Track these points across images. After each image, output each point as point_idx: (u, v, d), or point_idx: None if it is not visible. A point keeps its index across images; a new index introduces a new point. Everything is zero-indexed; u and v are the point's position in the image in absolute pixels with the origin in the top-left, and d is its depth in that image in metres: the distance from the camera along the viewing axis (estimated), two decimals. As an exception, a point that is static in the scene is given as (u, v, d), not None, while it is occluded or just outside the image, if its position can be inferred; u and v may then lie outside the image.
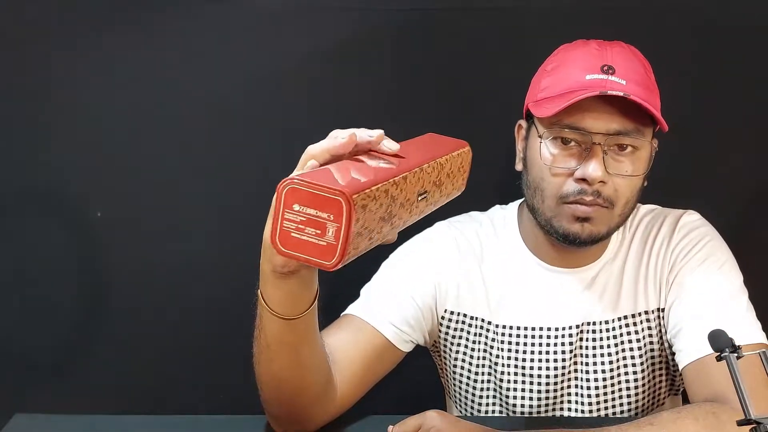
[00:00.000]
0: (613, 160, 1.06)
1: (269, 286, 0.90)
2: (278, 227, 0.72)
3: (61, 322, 1.44)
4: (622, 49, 1.10)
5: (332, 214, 0.70)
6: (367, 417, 1.11)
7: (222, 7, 1.34)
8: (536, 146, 1.10)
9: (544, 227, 1.12)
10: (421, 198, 0.83)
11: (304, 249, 0.72)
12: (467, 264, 1.19)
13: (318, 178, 0.72)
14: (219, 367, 1.43)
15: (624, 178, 1.07)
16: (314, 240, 0.71)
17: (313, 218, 0.70)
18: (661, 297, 1.15)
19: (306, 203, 0.70)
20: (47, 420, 1.09)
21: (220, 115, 1.38)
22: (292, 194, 0.71)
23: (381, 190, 0.74)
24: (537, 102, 1.10)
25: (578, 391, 1.18)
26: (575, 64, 1.08)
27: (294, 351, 0.96)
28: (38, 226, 1.41)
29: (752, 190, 1.44)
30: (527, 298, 1.17)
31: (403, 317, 1.14)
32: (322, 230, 0.70)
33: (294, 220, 0.71)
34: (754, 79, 1.39)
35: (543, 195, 1.09)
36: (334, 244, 0.70)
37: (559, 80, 1.09)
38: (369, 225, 0.74)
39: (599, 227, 1.09)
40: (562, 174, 1.07)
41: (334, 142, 0.81)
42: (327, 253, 0.71)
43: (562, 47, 1.14)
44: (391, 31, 1.37)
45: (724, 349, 0.76)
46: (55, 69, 1.36)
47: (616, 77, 1.05)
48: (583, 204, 1.07)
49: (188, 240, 1.42)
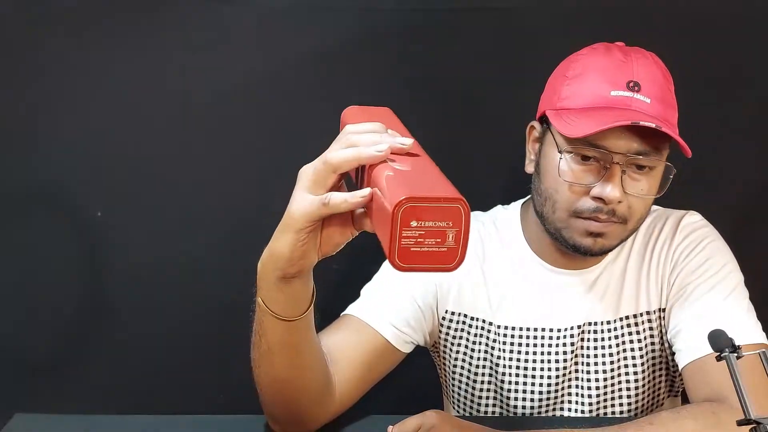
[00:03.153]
0: (630, 179, 1.05)
1: (272, 292, 0.90)
2: (396, 246, 0.72)
3: (61, 322, 1.44)
4: (645, 60, 1.08)
5: (451, 221, 0.72)
6: (367, 417, 1.11)
7: (222, 7, 1.34)
8: (552, 157, 1.08)
9: (553, 235, 1.11)
10: None
11: (424, 260, 0.73)
12: (468, 263, 1.17)
13: (428, 191, 0.73)
14: (219, 367, 1.43)
15: (639, 198, 1.07)
16: (434, 249, 0.72)
17: (432, 229, 0.72)
18: (662, 297, 1.15)
19: (424, 218, 0.71)
20: (47, 420, 1.09)
21: (221, 115, 1.38)
22: (409, 212, 0.71)
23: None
24: (558, 111, 1.08)
25: (578, 391, 1.18)
26: (599, 75, 1.06)
27: (296, 351, 0.96)
28: (38, 226, 1.41)
29: (752, 190, 1.44)
30: (529, 299, 1.17)
31: (403, 318, 1.14)
32: (442, 238, 0.72)
33: (412, 236, 0.72)
34: (755, 79, 1.39)
35: (555, 206, 1.08)
36: (454, 247, 0.72)
37: (581, 92, 1.07)
38: None
39: (611, 241, 1.09)
40: (579, 190, 1.06)
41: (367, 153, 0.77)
42: (448, 258, 0.73)
43: (584, 52, 1.11)
44: (391, 31, 1.37)
45: (723, 349, 0.76)
46: (55, 69, 1.36)
47: (642, 95, 1.04)
48: (598, 221, 1.06)
49: (188, 240, 1.42)
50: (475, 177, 1.41)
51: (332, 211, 0.80)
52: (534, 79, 1.17)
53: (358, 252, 1.25)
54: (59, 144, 1.38)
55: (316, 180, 0.80)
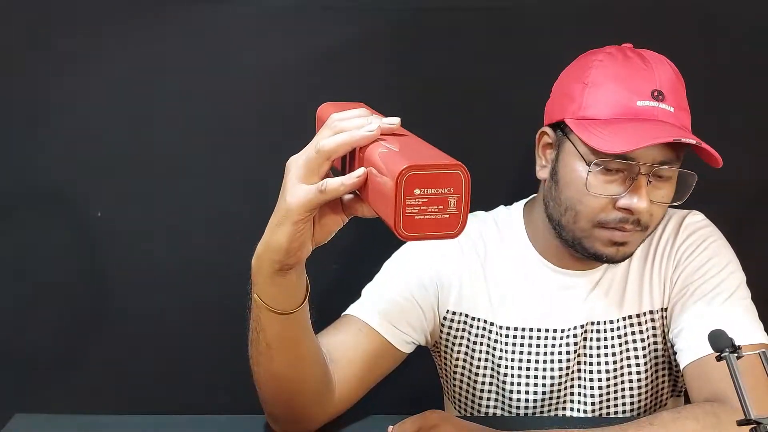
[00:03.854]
0: (654, 187, 1.06)
1: (269, 284, 0.90)
2: (401, 215, 0.74)
3: (61, 322, 1.44)
4: (663, 66, 1.07)
5: (452, 187, 0.73)
6: (367, 417, 1.11)
7: (222, 8, 1.34)
8: (575, 168, 1.07)
9: (569, 242, 1.11)
10: None
11: (428, 227, 0.74)
12: (470, 263, 1.19)
13: (428, 159, 0.75)
14: (219, 367, 1.43)
15: (660, 205, 1.07)
16: (437, 216, 0.74)
17: (434, 196, 0.74)
18: (665, 297, 1.15)
19: (426, 185, 0.73)
20: (47, 420, 1.09)
21: (220, 115, 1.38)
22: (412, 181, 0.73)
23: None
24: (580, 121, 1.06)
25: (581, 391, 1.18)
26: (621, 83, 1.05)
27: (294, 347, 0.97)
28: (39, 226, 1.41)
29: (752, 190, 1.44)
30: (531, 299, 1.17)
31: (404, 318, 1.14)
32: (444, 205, 0.74)
33: (416, 204, 0.73)
34: (755, 79, 1.39)
35: (577, 216, 1.08)
36: (456, 213, 0.74)
37: (605, 101, 1.05)
38: None
39: (632, 248, 1.10)
40: (605, 201, 1.06)
41: (359, 135, 0.79)
42: (451, 224, 0.75)
43: (600, 58, 1.09)
44: (391, 31, 1.37)
45: (724, 349, 0.76)
46: (55, 69, 1.36)
47: (666, 104, 1.04)
48: (623, 231, 1.06)
49: (188, 240, 1.42)
50: (476, 177, 1.38)
51: (329, 197, 0.81)
52: (534, 79, 1.17)
53: (358, 252, 1.26)
54: (59, 144, 1.38)
55: (310, 169, 0.82)
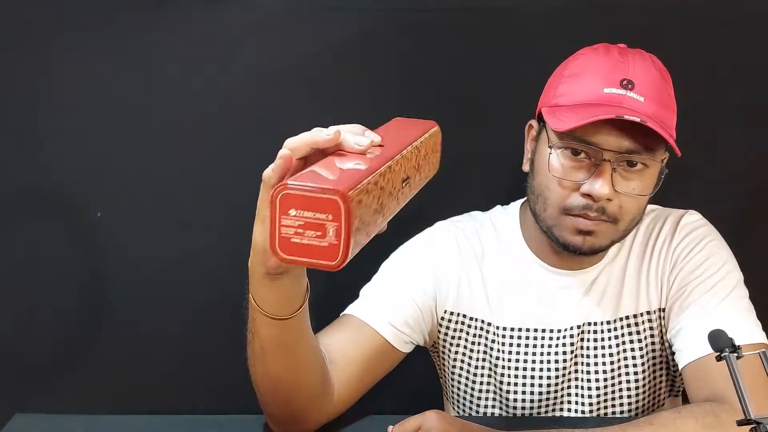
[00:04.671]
0: (622, 177, 1.05)
1: (261, 288, 0.90)
2: (276, 234, 0.70)
3: (61, 322, 1.44)
4: (643, 61, 1.08)
5: (330, 214, 0.69)
6: (367, 417, 1.11)
7: (222, 8, 1.34)
8: (545, 153, 1.08)
9: (545, 233, 1.12)
10: (405, 184, 0.82)
11: (305, 252, 0.71)
12: (467, 264, 1.19)
13: (310, 180, 0.70)
14: (219, 367, 1.42)
15: (630, 197, 1.06)
16: (315, 242, 0.70)
17: (311, 221, 0.69)
18: (662, 297, 1.15)
19: (302, 207, 0.69)
20: (47, 420, 1.09)
21: (220, 116, 1.38)
22: (286, 200, 0.69)
23: (372, 182, 0.73)
24: (551, 108, 1.09)
25: (578, 392, 1.18)
26: (594, 73, 1.06)
27: (289, 351, 0.96)
28: (38, 226, 1.41)
29: (752, 190, 1.44)
30: (528, 300, 1.17)
31: (402, 318, 1.14)
32: (323, 231, 0.69)
33: (292, 225, 0.70)
34: (755, 78, 1.39)
35: (546, 203, 1.09)
36: (336, 243, 0.69)
37: (576, 89, 1.07)
38: (365, 219, 0.73)
39: (601, 240, 1.08)
40: (569, 186, 1.06)
41: (318, 136, 0.80)
42: (330, 254, 0.70)
43: (584, 52, 1.11)
44: (391, 31, 1.37)
45: (724, 349, 0.76)
46: (56, 69, 1.35)
47: (635, 93, 1.04)
48: (587, 218, 1.06)
49: (188, 240, 1.42)
50: (476, 177, 1.41)
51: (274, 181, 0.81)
52: (534, 79, 1.17)
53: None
54: (59, 144, 1.38)
55: (275, 169, 0.81)
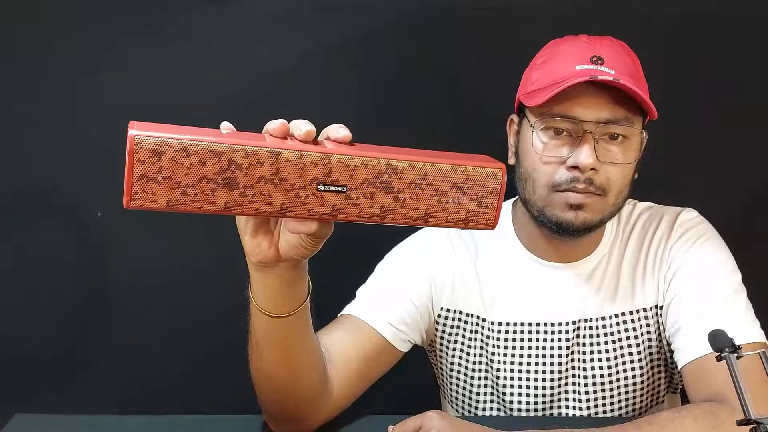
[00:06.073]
0: (604, 149, 1.07)
1: (256, 283, 0.90)
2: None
3: (62, 322, 1.44)
4: (611, 42, 1.11)
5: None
6: (367, 417, 1.11)
7: (222, 8, 1.34)
8: (528, 137, 1.11)
9: (537, 218, 1.12)
10: (323, 189, 0.76)
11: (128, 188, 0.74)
12: (461, 261, 1.19)
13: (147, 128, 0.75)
14: (219, 367, 1.42)
15: (615, 167, 1.07)
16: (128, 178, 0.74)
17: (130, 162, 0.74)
18: (659, 294, 1.15)
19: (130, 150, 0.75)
20: (47, 420, 1.09)
21: (220, 115, 1.37)
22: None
23: (206, 149, 0.76)
24: (528, 94, 1.11)
25: (576, 389, 1.18)
26: (565, 56, 1.10)
27: (282, 349, 0.96)
28: (38, 226, 1.41)
29: (752, 190, 1.44)
30: (522, 294, 1.18)
31: (400, 316, 1.14)
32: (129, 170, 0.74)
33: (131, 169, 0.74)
34: (755, 78, 1.39)
35: (535, 184, 1.10)
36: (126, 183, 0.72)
37: (548, 72, 1.10)
38: (183, 180, 0.76)
39: (593, 215, 1.09)
40: (554, 162, 1.08)
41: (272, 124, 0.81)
42: (125, 191, 0.73)
43: (552, 42, 1.15)
44: (391, 31, 1.37)
45: (723, 349, 0.76)
46: (55, 69, 1.36)
47: (605, 67, 1.06)
48: (576, 191, 1.07)
49: (188, 240, 1.42)
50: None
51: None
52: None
53: (356, 252, 1.26)
54: (59, 144, 1.38)
55: None
